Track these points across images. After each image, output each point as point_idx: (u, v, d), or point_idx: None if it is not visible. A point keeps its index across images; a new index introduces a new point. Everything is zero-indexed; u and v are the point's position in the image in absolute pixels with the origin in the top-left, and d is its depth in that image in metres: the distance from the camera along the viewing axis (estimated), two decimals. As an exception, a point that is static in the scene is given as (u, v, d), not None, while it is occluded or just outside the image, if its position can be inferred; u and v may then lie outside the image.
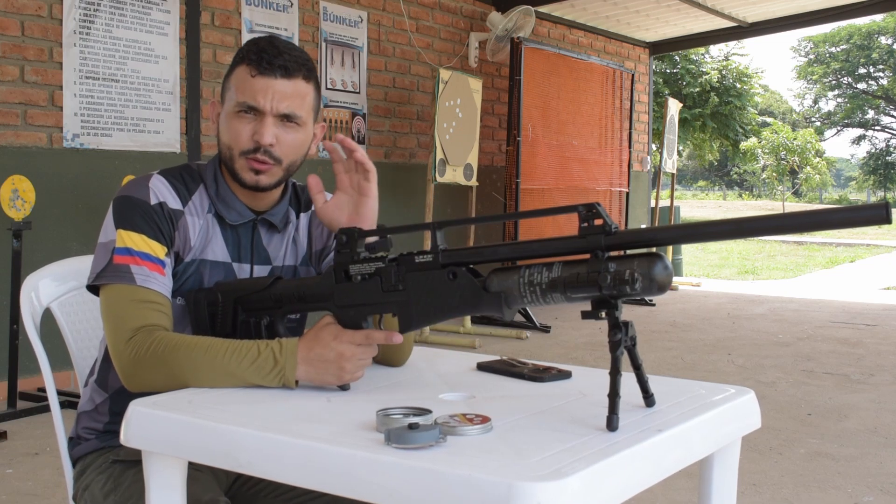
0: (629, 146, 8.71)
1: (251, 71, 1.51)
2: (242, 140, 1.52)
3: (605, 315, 1.14)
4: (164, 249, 1.49)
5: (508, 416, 1.18)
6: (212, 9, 5.51)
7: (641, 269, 1.10)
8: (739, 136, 20.08)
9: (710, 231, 1.10)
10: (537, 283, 1.17)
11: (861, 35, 39.85)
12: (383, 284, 1.34)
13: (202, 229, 1.55)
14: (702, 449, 1.22)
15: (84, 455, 1.60)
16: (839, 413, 4.33)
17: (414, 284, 1.31)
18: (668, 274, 1.11)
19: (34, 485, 3.23)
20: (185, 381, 1.37)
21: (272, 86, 1.50)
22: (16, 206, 4.14)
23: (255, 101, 1.50)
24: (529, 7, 7.39)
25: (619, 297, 1.12)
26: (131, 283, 1.45)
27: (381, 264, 1.35)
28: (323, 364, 1.34)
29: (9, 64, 4.52)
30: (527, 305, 1.20)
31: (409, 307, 1.32)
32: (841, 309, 8.23)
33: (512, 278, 1.20)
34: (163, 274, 1.48)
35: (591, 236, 1.14)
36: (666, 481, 1.96)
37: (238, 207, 1.58)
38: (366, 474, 1.01)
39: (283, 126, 1.53)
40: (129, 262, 1.46)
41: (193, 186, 1.57)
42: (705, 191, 51.90)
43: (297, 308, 1.46)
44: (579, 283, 1.14)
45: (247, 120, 1.52)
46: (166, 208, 1.51)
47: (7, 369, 4.18)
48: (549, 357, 5.62)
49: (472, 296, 1.25)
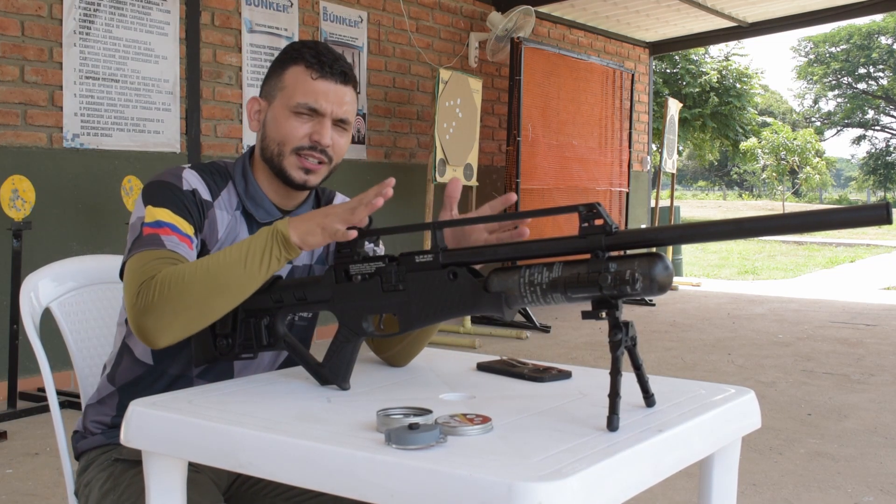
0: (629, 146, 8.71)
1: (312, 73, 1.53)
2: (298, 137, 1.54)
3: (606, 315, 1.14)
4: (192, 229, 1.49)
5: (509, 416, 1.18)
6: (212, 9, 5.51)
7: (642, 270, 1.10)
8: (739, 136, 20.07)
9: (711, 231, 1.10)
10: (538, 283, 1.17)
11: (861, 35, 39.84)
12: (383, 284, 1.34)
13: (230, 225, 1.56)
14: (702, 449, 1.22)
15: (88, 450, 1.60)
16: (839, 413, 4.33)
17: (414, 284, 1.31)
18: (668, 274, 1.11)
19: (34, 485, 3.23)
20: (199, 304, 1.36)
21: (334, 90, 1.54)
22: (16, 206, 4.13)
23: (317, 104, 1.53)
24: (529, 7, 7.39)
25: (620, 297, 1.12)
26: (160, 248, 1.43)
27: (381, 264, 1.35)
28: (309, 219, 1.37)
29: (9, 64, 4.52)
30: (527, 305, 1.20)
31: (409, 307, 1.32)
32: (841, 309, 8.23)
33: (512, 278, 1.20)
34: (191, 248, 1.47)
35: (592, 236, 1.14)
36: (666, 481, 1.96)
37: (266, 206, 1.59)
38: (366, 474, 1.01)
39: (336, 129, 1.56)
40: (159, 232, 1.45)
41: (222, 183, 1.58)
42: (705, 191, 51.90)
43: (296, 308, 1.45)
44: (580, 283, 1.14)
45: (304, 119, 1.54)
46: (198, 196, 1.53)
47: (7, 369, 4.18)
48: (549, 357, 5.62)
49: (472, 296, 1.25)
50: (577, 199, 7.99)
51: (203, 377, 1.56)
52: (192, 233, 1.49)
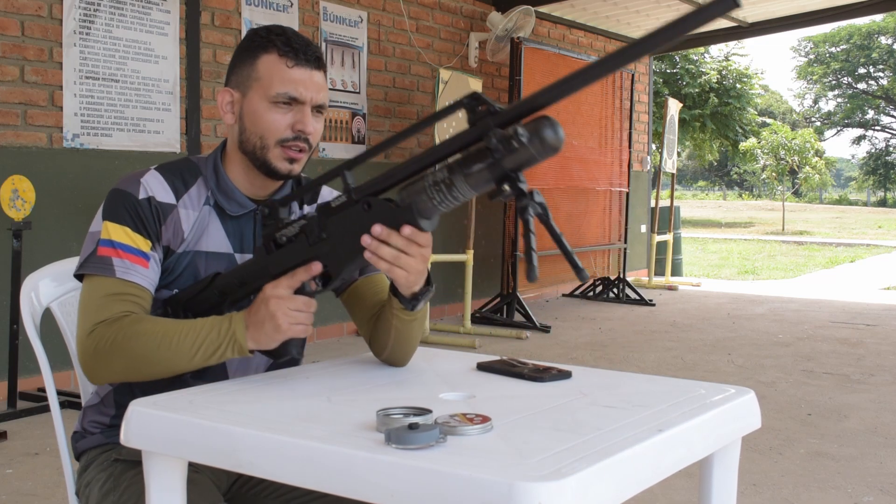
0: (629, 146, 8.71)
1: (287, 62, 1.51)
2: (281, 129, 1.53)
3: (509, 188, 1.16)
4: (149, 244, 1.51)
5: (509, 416, 1.18)
6: (212, 9, 5.51)
7: (527, 127, 1.13)
8: (739, 136, 20.06)
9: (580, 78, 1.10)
10: (441, 179, 1.21)
11: (861, 35, 39.86)
12: (309, 239, 1.39)
13: (197, 221, 1.56)
14: (702, 449, 1.22)
15: (88, 449, 1.60)
16: (839, 413, 4.33)
17: (335, 228, 1.36)
18: (554, 127, 1.12)
19: (34, 485, 3.23)
20: (142, 371, 1.43)
21: (310, 77, 1.53)
22: (16, 206, 4.13)
23: (296, 93, 1.52)
24: (529, 7, 7.39)
25: (509, 153, 1.13)
26: (111, 276, 1.47)
27: (303, 222, 1.40)
28: (261, 323, 1.39)
29: (9, 64, 4.52)
30: (439, 207, 1.24)
31: (336, 251, 1.37)
32: (841, 309, 8.23)
33: (418, 185, 1.25)
34: (146, 266, 1.50)
35: (480, 121, 1.17)
36: (666, 481, 1.96)
37: (238, 198, 1.58)
38: (366, 474, 1.01)
39: (314, 115, 1.56)
40: (111, 254, 1.48)
41: (191, 180, 1.58)
42: (705, 191, 51.92)
43: (240, 294, 1.48)
44: (471, 157, 1.17)
45: (284, 110, 1.53)
46: (154, 202, 1.52)
47: (7, 369, 4.18)
48: (549, 357, 5.62)
49: (388, 217, 1.30)
50: (578, 199, 8.00)
51: (198, 378, 1.56)
52: (147, 248, 1.50)
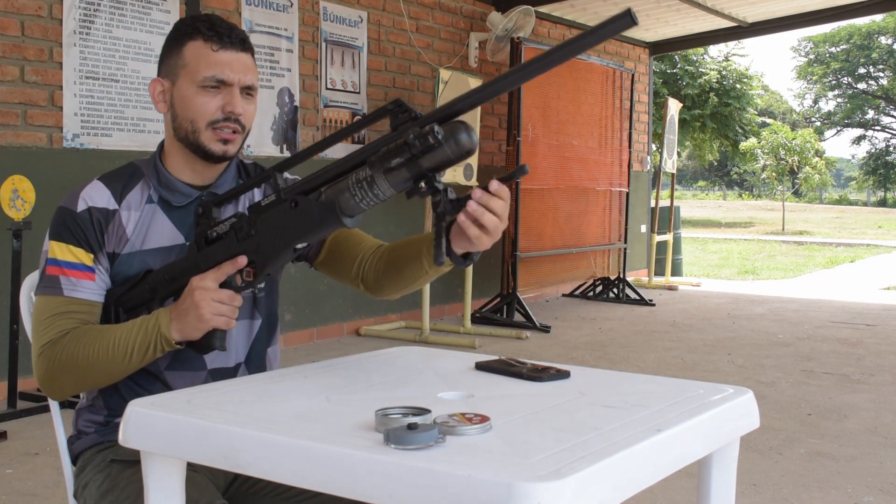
0: (629, 146, 8.71)
1: (212, 46, 1.54)
2: (211, 112, 1.55)
3: (425, 186, 1.25)
4: (91, 256, 1.55)
5: (507, 415, 1.18)
6: (212, 9, 5.50)
7: (444, 128, 1.21)
8: (739, 136, 20.06)
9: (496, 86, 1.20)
10: (363, 178, 1.28)
11: (861, 35, 39.85)
12: (238, 235, 1.45)
13: (140, 221, 1.58)
14: (700, 449, 1.22)
15: (84, 450, 1.61)
16: (839, 413, 4.33)
17: (263, 225, 1.43)
18: (468, 131, 1.22)
19: (34, 485, 3.23)
20: (90, 382, 1.52)
21: (236, 59, 1.56)
22: (16, 206, 4.14)
23: (223, 75, 1.54)
24: (529, 7, 7.39)
25: (427, 152, 1.22)
26: (59, 294, 1.52)
27: (234, 220, 1.46)
28: (185, 312, 1.45)
29: (9, 64, 4.52)
30: (361, 205, 1.30)
31: (263, 247, 1.43)
32: (841, 309, 8.23)
33: (342, 183, 1.31)
34: (92, 280, 1.54)
35: (402, 126, 1.26)
36: (666, 481, 1.96)
37: (181, 188, 1.61)
38: (365, 474, 1.01)
39: (244, 97, 1.58)
40: (58, 272, 1.53)
41: (132, 182, 1.61)
42: (705, 191, 51.91)
43: (171, 289, 1.52)
44: (390, 153, 1.25)
45: (213, 93, 1.55)
46: (94, 212, 1.56)
47: (7, 369, 4.18)
48: (548, 357, 5.62)
49: (314, 215, 1.35)
50: (578, 199, 8.00)
51: (172, 368, 1.58)
52: (90, 261, 1.55)
